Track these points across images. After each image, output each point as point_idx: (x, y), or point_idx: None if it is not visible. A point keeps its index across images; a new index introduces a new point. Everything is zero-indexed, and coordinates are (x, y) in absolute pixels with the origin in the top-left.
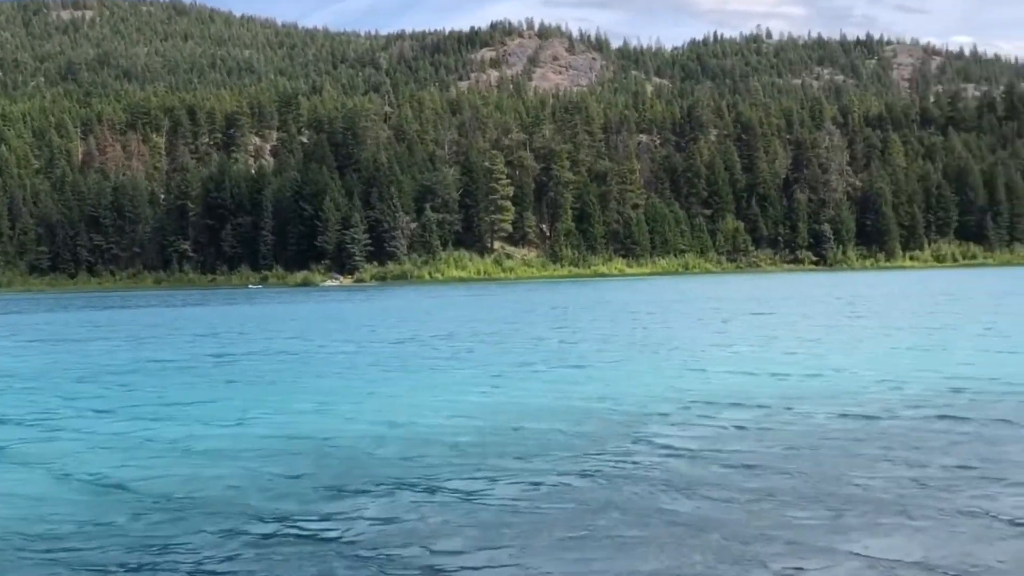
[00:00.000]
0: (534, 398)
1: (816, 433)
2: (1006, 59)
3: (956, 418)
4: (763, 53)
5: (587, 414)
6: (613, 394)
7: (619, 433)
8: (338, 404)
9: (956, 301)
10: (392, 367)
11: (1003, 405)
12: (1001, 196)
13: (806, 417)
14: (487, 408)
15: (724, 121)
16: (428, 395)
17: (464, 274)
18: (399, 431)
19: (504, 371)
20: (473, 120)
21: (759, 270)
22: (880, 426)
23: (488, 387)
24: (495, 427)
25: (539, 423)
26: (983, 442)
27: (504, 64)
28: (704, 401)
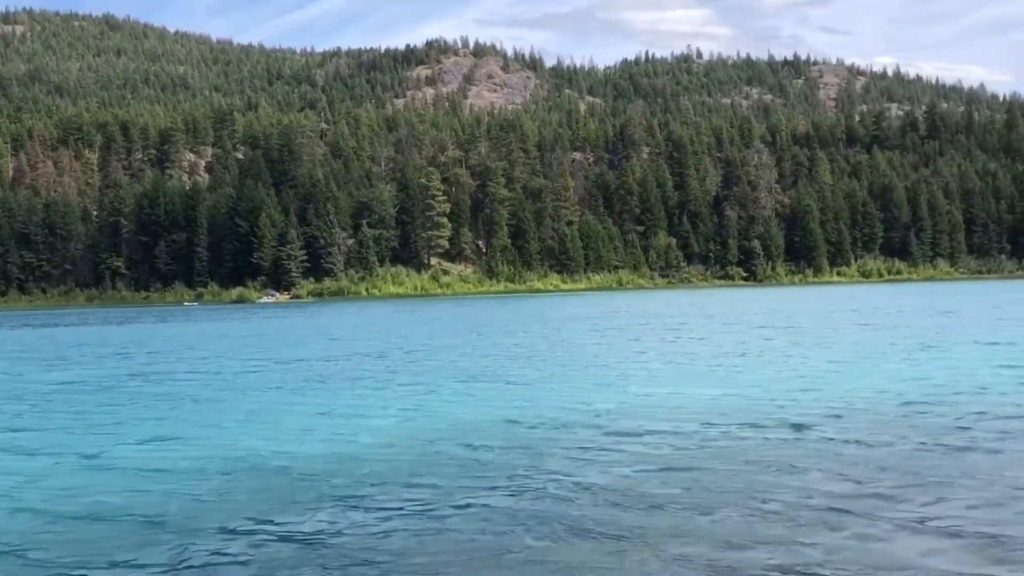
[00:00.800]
0: (449, 416)
1: (729, 447)
2: (927, 80)
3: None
4: (693, 73)
5: (501, 432)
6: (525, 412)
7: (530, 451)
8: (244, 426)
9: (873, 316)
10: (309, 387)
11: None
12: (924, 213)
13: (719, 431)
14: (397, 429)
15: (656, 139)
16: (342, 415)
17: (401, 290)
18: (304, 454)
19: (420, 390)
20: (409, 137)
21: (691, 286)
22: (785, 440)
23: (401, 407)
24: (407, 447)
25: (453, 442)
26: (895, 455)
27: (440, 82)
28: (616, 419)
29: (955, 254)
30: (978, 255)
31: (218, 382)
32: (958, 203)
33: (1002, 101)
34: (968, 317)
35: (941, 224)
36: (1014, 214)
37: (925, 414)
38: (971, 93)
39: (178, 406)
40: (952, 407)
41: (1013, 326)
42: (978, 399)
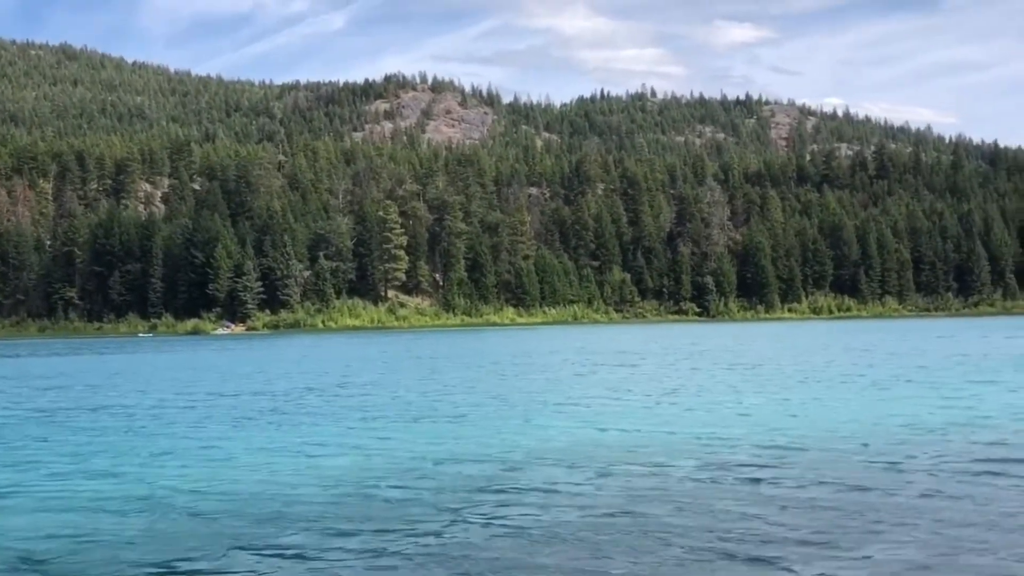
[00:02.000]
0: (364, 456)
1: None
2: (876, 120)
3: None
4: (648, 111)
5: (427, 471)
6: (454, 450)
7: (454, 490)
8: (161, 462)
9: (814, 354)
10: (235, 423)
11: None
12: (873, 251)
13: (632, 471)
14: (327, 468)
15: (611, 176)
16: (265, 452)
17: (358, 323)
18: (225, 493)
19: (355, 426)
20: (367, 170)
21: (645, 320)
22: (694, 479)
23: (334, 445)
24: (310, 487)
25: (376, 482)
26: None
27: (398, 116)
28: (541, 457)
29: (903, 292)
30: (926, 293)
31: (146, 417)
32: (906, 242)
33: (948, 142)
34: (895, 354)
35: (890, 262)
36: (960, 253)
37: (806, 451)
38: (918, 134)
39: (92, 441)
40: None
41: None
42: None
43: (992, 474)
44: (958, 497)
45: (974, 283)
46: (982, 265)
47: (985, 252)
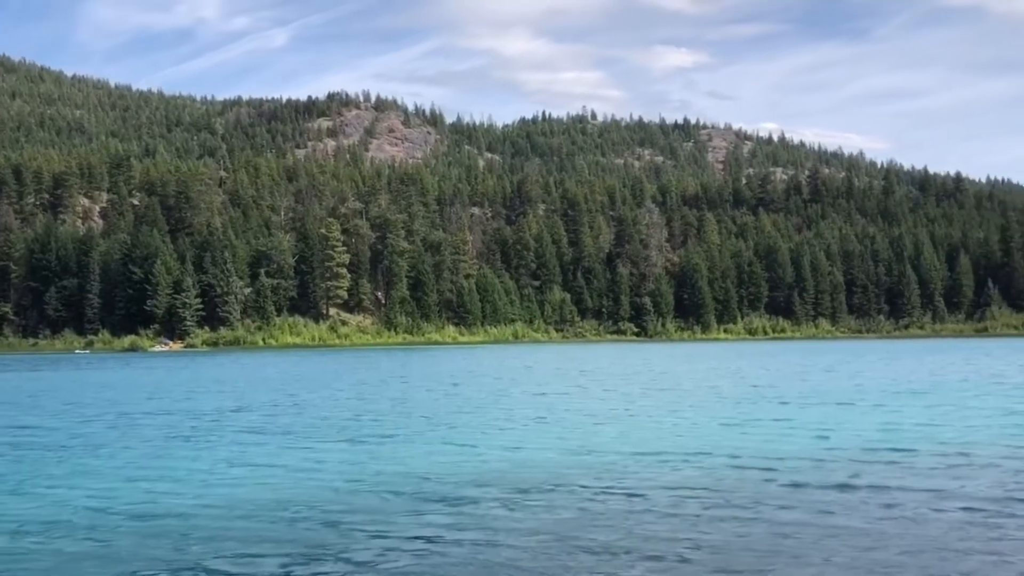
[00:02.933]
0: (282, 478)
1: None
2: (810, 145)
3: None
4: (588, 133)
5: (342, 494)
6: (368, 472)
7: (363, 512)
8: (70, 483)
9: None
10: (161, 442)
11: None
12: (807, 274)
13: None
14: (234, 490)
15: (552, 197)
16: (171, 474)
17: (299, 340)
18: (128, 516)
19: (272, 447)
20: (310, 187)
21: (584, 340)
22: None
23: (224, 466)
24: (214, 512)
25: (285, 505)
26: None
27: (341, 134)
28: (461, 480)
29: (836, 314)
30: (858, 315)
31: (60, 437)
32: (839, 265)
33: (880, 168)
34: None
35: (823, 284)
36: (891, 276)
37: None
38: (851, 159)
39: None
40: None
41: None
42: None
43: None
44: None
45: (904, 306)
46: (912, 288)
47: (915, 276)
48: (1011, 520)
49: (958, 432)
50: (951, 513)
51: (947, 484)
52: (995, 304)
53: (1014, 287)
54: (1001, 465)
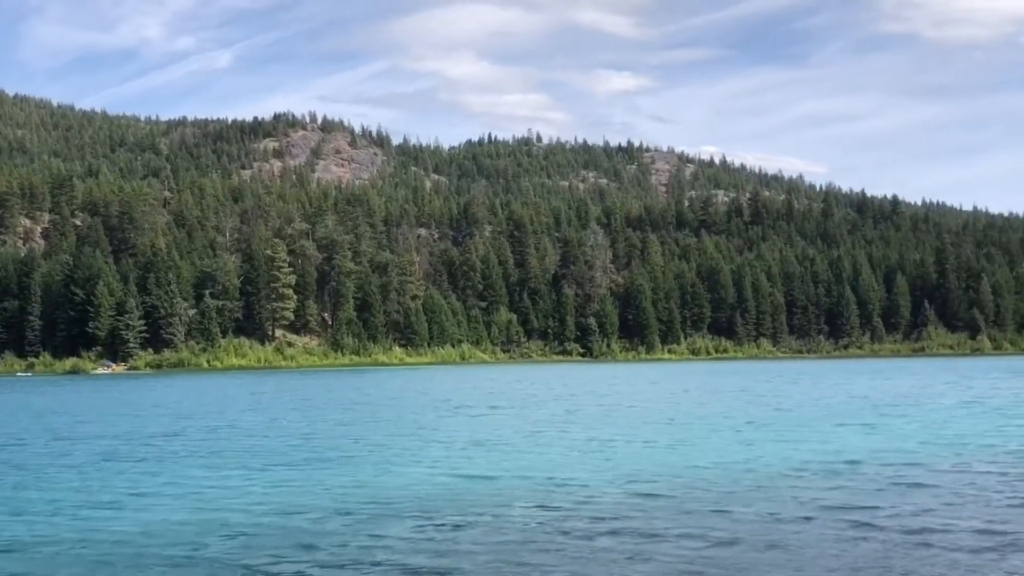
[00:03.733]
0: (201, 504)
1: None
2: (751, 168)
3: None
4: (533, 155)
5: (234, 525)
6: (278, 500)
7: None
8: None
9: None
10: (63, 468)
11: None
12: (748, 295)
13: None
14: (152, 517)
15: (498, 218)
16: (90, 499)
17: (244, 362)
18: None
19: (197, 472)
20: (255, 208)
21: (530, 360)
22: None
23: (170, 493)
24: (149, 539)
25: (201, 533)
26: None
27: (287, 155)
28: (388, 503)
29: (777, 334)
30: (798, 335)
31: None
32: (780, 286)
33: (819, 191)
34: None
35: (764, 305)
36: (831, 297)
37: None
38: (791, 182)
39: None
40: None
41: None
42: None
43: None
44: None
45: (844, 326)
46: (851, 309)
47: (854, 296)
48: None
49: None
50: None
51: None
52: (931, 324)
53: (949, 308)
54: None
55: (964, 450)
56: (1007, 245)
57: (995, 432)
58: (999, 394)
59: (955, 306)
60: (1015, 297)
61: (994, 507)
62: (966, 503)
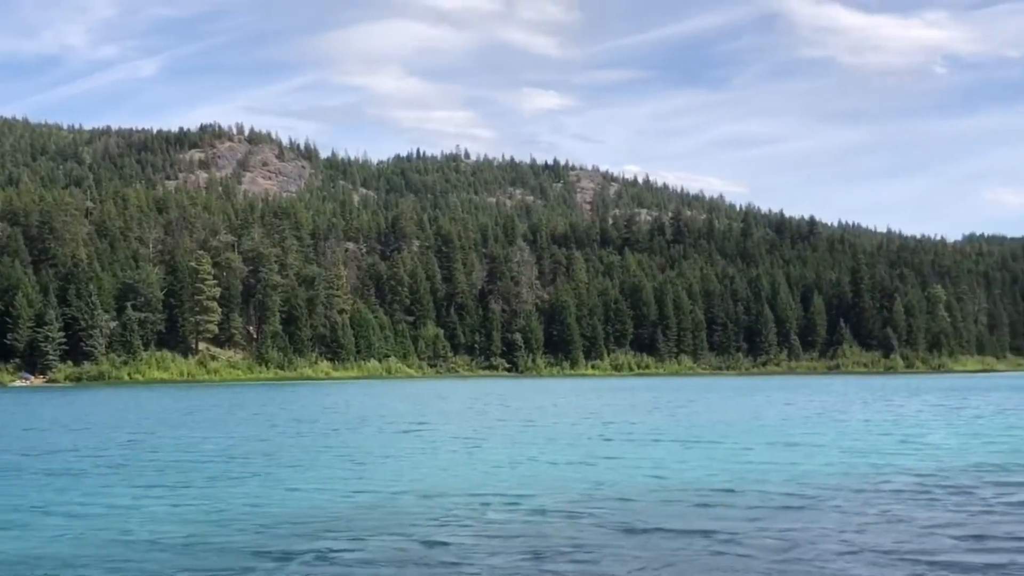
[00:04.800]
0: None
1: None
2: (673, 188)
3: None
4: (461, 171)
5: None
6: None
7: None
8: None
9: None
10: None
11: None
12: (670, 312)
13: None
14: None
15: (426, 233)
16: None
17: (167, 376)
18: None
19: (95, 488)
20: (180, 220)
21: (457, 375)
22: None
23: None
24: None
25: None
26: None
27: (213, 166)
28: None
29: (698, 351)
30: (718, 352)
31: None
32: (700, 304)
33: (739, 211)
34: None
35: (685, 322)
36: (749, 315)
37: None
38: (711, 202)
39: None
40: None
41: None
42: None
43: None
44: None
45: (762, 344)
46: (769, 327)
47: (772, 315)
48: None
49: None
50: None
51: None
52: (846, 343)
53: (864, 327)
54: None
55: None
56: (919, 266)
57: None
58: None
59: (869, 325)
60: (926, 317)
61: (852, 524)
62: (823, 519)
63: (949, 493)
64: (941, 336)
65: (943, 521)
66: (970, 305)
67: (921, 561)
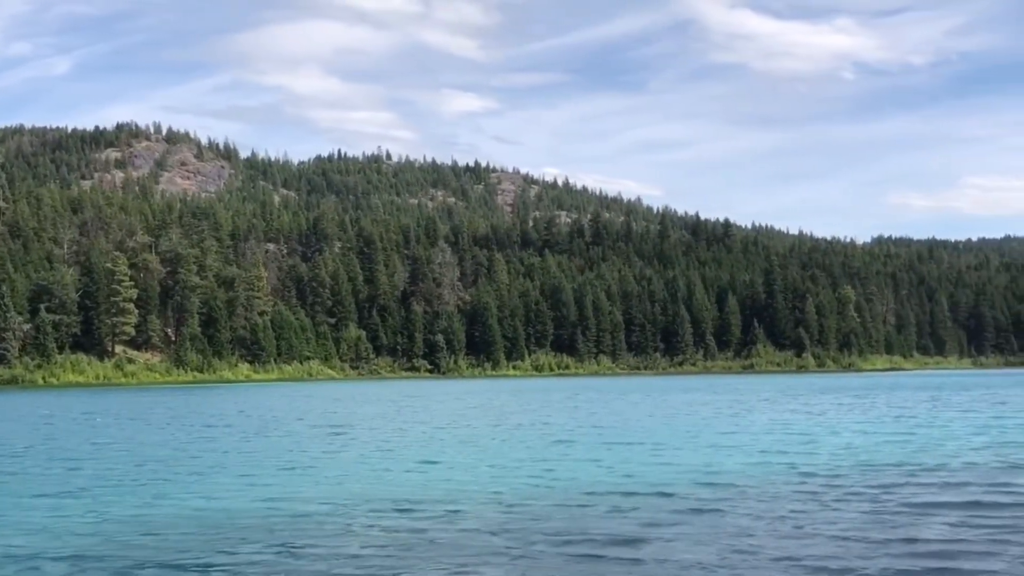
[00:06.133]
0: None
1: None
2: (592, 191)
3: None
4: (383, 173)
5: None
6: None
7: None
8: None
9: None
10: None
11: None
12: (589, 313)
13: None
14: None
15: (348, 235)
16: None
17: (82, 379)
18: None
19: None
20: (96, 220)
21: (379, 377)
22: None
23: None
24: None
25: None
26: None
27: (130, 166)
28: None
29: (616, 351)
30: (636, 352)
31: None
32: (618, 304)
33: (656, 213)
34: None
35: (604, 323)
36: (666, 316)
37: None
38: (629, 205)
39: None
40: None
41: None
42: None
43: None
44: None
45: (679, 344)
46: (686, 327)
47: (688, 315)
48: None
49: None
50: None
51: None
52: (760, 343)
53: (777, 327)
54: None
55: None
56: (830, 267)
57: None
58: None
59: (782, 325)
60: (837, 317)
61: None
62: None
63: (847, 494)
64: (851, 336)
65: (846, 524)
66: (879, 305)
67: (813, 567)
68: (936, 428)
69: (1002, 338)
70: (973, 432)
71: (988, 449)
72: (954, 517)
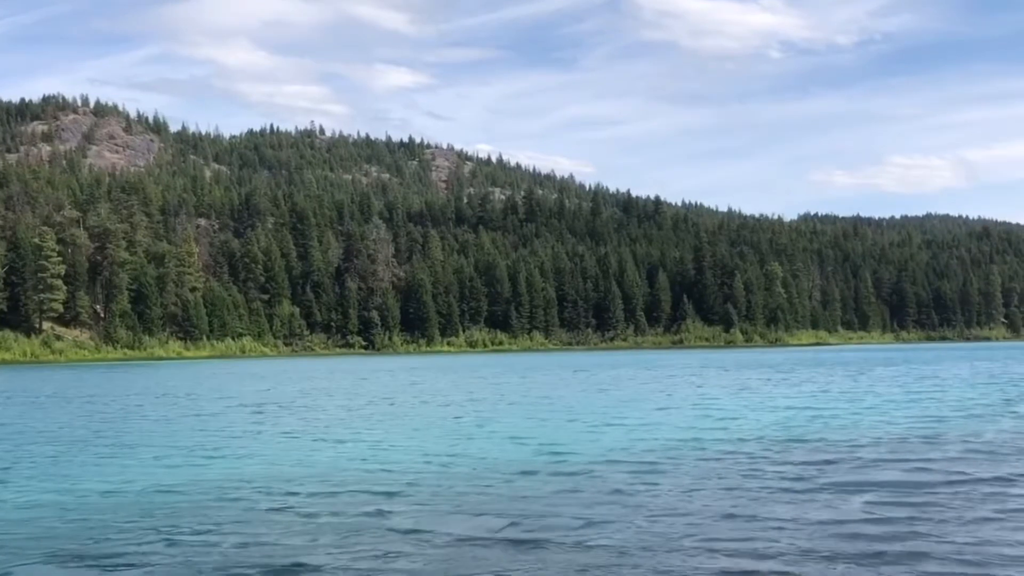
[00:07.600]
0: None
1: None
2: (526, 168)
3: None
4: (316, 148)
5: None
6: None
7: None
8: None
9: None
10: None
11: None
12: (523, 289)
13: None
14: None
15: (281, 210)
16: None
17: (8, 356)
18: None
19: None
20: (22, 194)
21: (313, 354)
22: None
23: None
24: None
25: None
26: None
27: (57, 139)
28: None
29: (549, 327)
30: (568, 328)
31: None
32: (551, 281)
33: (588, 190)
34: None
35: (537, 300)
36: (598, 292)
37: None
38: (562, 182)
39: None
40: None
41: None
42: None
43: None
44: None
45: (610, 320)
46: (617, 304)
47: (619, 291)
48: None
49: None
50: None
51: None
52: (690, 318)
53: (706, 303)
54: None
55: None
56: (758, 244)
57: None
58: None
59: (711, 301)
60: (764, 293)
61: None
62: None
63: (772, 472)
64: (778, 311)
65: (771, 504)
66: (805, 282)
67: (734, 549)
68: (859, 402)
69: (923, 314)
70: (896, 408)
71: (910, 423)
72: (875, 496)
